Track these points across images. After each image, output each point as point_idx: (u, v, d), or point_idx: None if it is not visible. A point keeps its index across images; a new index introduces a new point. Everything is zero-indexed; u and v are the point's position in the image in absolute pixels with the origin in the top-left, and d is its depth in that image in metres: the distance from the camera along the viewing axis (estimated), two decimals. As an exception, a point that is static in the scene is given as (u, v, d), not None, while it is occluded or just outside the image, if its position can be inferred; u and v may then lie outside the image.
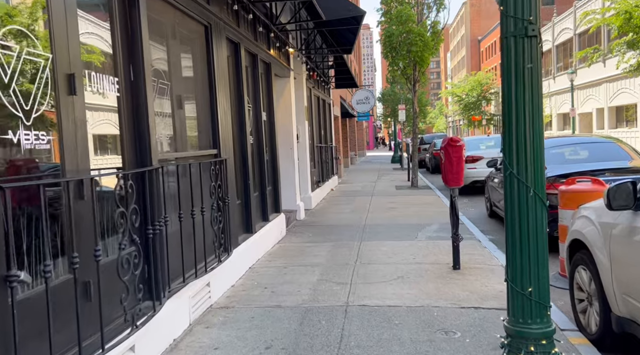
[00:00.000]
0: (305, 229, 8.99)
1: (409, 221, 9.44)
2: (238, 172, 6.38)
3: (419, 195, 13.65)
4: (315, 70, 11.99)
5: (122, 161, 3.68)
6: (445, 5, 15.24)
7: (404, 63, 15.23)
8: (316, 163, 13.18)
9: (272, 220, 7.66)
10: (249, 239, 6.38)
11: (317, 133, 13.89)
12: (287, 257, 6.81)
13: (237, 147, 6.37)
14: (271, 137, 8.27)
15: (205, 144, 5.27)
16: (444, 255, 6.62)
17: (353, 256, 6.70)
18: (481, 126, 55.65)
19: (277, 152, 8.44)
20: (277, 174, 8.27)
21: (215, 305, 4.83)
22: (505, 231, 2.66)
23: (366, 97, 25.16)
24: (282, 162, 9.83)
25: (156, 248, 3.77)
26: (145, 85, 3.76)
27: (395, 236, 8.01)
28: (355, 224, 9.37)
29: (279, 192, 8.28)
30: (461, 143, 5.70)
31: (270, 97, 8.21)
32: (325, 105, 15.67)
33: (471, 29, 74.97)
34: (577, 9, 33.02)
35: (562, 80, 35.80)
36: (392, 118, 35.58)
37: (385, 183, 17.60)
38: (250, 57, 7.16)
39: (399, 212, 10.69)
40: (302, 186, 11.30)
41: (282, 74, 9.47)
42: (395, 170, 23.95)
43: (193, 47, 5.13)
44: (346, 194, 14.47)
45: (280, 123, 9.81)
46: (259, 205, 7.27)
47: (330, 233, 8.54)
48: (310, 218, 10.30)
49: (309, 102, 12.38)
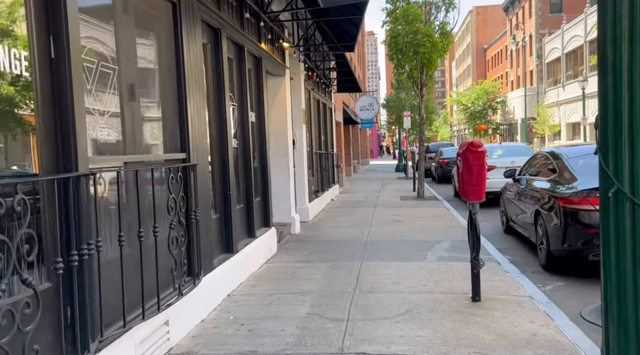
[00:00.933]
0: (300, 245, 7.99)
1: (416, 237, 8.43)
2: (216, 181, 5.40)
3: (425, 207, 12.63)
4: (314, 71, 11.06)
5: (36, 166, 2.71)
6: (455, 5, 14.31)
7: (410, 65, 14.27)
8: (315, 171, 12.19)
9: (260, 237, 6.66)
10: (229, 260, 5.38)
11: (317, 139, 12.93)
12: (275, 281, 5.80)
13: (215, 152, 5.40)
14: (261, 141, 7.29)
15: (170, 146, 4.30)
16: (459, 281, 5.61)
17: (352, 281, 5.69)
18: (487, 135, 54.66)
19: (268, 159, 7.46)
20: (267, 183, 7.29)
21: (175, 350, 3.83)
22: (602, 285, 1.65)
23: (370, 104, 24.23)
24: (275, 170, 8.86)
25: (82, 282, 2.79)
26: (71, 67, 2.79)
27: (401, 256, 7.00)
28: (355, 239, 8.36)
29: (269, 204, 7.29)
30: (483, 149, 4.70)
31: (261, 96, 7.25)
32: (326, 109, 14.72)
33: (477, 37, 74.20)
34: (588, 15, 32.12)
35: (571, 89, 34.81)
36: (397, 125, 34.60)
37: (389, 193, 16.59)
38: (236, 48, 6.20)
39: (405, 226, 9.67)
40: (299, 196, 10.31)
41: (276, 72, 8.52)
42: (399, 180, 22.93)
43: (155, 26, 4.18)
44: (347, 205, 13.46)
45: (273, 126, 8.86)
46: (244, 220, 6.28)
47: (328, 250, 7.54)
48: (306, 232, 9.30)
49: (307, 104, 11.43)
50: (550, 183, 6.74)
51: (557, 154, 7.11)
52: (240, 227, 6.12)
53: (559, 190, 6.27)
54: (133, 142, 3.61)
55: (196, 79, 4.65)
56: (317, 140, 13.04)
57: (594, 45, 31.78)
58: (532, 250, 7.47)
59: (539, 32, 44.50)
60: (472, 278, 4.90)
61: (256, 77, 7.17)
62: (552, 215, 6.20)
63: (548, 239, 6.26)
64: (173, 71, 4.34)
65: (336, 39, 10.05)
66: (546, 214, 6.37)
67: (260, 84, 7.21)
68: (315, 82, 12.42)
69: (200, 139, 4.68)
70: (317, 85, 12.87)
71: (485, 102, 51.69)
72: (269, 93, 8.84)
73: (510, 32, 52.23)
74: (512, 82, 53.93)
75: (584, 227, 5.75)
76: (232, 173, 5.71)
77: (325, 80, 13.87)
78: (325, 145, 14.32)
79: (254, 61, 7.05)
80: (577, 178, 6.20)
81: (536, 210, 6.80)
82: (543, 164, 7.56)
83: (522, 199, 7.76)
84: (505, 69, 57.38)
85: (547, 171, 7.29)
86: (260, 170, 7.27)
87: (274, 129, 8.88)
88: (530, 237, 7.41)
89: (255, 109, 7.18)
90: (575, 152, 7.06)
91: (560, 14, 42.96)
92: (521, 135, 44.64)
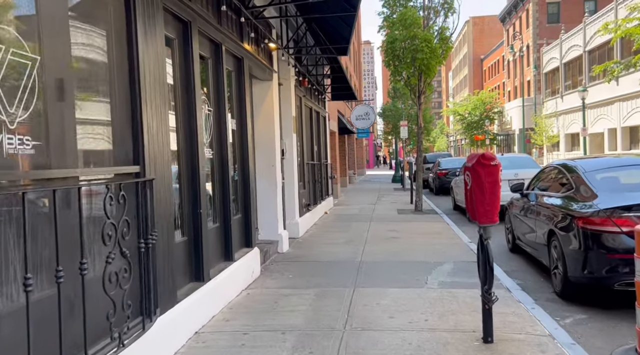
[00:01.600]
0: (287, 267, 7.21)
1: (414, 257, 7.67)
2: (184, 198, 4.65)
3: (424, 221, 11.88)
4: (306, 76, 10.35)
5: None
6: (454, 9, 13.68)
7: (408, 72, 13.59)
8: (306, 183, 11.44)
9: (240, 260, 5.89)
10: (199, 290, 4.61)
11: (309, 149, 12.19)
12: (253, 314, 5.02)
13: (183, 163, 4.65)
14: (243, 151, 6.55)
15: (120, 158, 3.55)
16: (465, 314, 4.84)
17: (342, 314, 4.92)
18: (484, 146, 54.12)
19: (251, 170, 6.71)
20: (250, 197, 6.53)
21: (115, 414, 3.05)
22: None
23: (366, 113, 23.56)
24: (261, 183, 8.12)
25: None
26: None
27: (399, 280, 6.23)
28: (349, 260, 7.59)
29: (250, 221, 6.52)
30: (497, 162, 3.98)
31: (243, 101, 6.52)
32: (319, 118, 14.00)
33: (474, 47, 74.02)
34: (587, 25, 31.68)
35: (570, 99, 34.30)
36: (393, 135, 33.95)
37: (385, 205, 15.84)
38: (211, 46, 5.48)
39: (403, 244, 8.92)
40: (288, 211, 9.56)
41: (262, 76, 7.80)
42: (396, 191, 22.21)
43: (99, 11, 3.44)
44: (341, 219, 12.70)
45: (260, 135, 8.13)
46: (219, 241, 5.51)
47: (317, 273, 6.77)
48: (295, 250, 8.53)
49: (298, 112, 10.71)
50: (565, 200, 6.00)
51: (572, 167, 6.38)
52: (215, 250, 5.35)
53: (577, 209, 5.53)
54: (60, 152, 2.85)
55: (156, 77, 3.92)
56: (309, 150, 12.31)
57: (593, 55, 31.33)
58: (544, 273, 6.73)
59: (537, 43, 44.11)
60: (483, 315, 4.14)
61: (238, 80, 6.44)
62: (570, 237, 5.46)
63: (565, 263, 5.51)
64: (124, 67, 3.60)
65: (329, 41, 9.35)
66: (562, 235, 5.63)
67: (243, 87, 6.48)
68: (308, 88, 11.72)
69: (161, 148, 3.93)
70: (309, 92, 12.17)
71: (482, 112, 51.20)
72: (255, 99, 8.12)
73: (507, 43, 51.94)
74: (509, 92, 53.52)
75: (609, 252, 5.01)
76: (205, 188, 4.96)
77: (319, 87, 13.17)
78: (318, 156, 13.58)
79: (234, 62, 6.33)
80: (598, 195, 5.46)
81: (550, 230, 6.06)
82: (555, 178, 6.83)
83: (531, 216, 7.02)
84: (502, 79, 57.03)
85: (560, 186, 6.56)
86: (242, 183, 6.52)
87: (260, 138, 8.16)
88: (541, 258, 6.67)
89: (236, 115, 6.44)
90: (592, 165, 6.32)
91: (557, 24, 42.61)
92: (519, 146, 44.09)
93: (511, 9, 50.18)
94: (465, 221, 12.30)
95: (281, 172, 9.01)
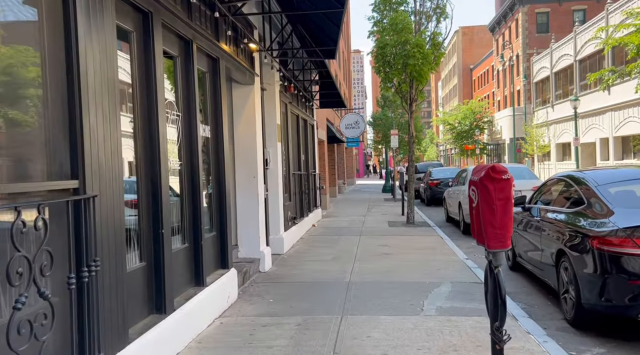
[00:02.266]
0: (268, 289, 6.53)
1: (408, 277, 7.03)
2: (143, 216, 3.98)
3: (417, 235, 11.27)
4: (292, 82, 9.74)
5: None
6: (447, 14, 13.19)
7: (399, 79, 13.05)
8: (292, 195, 10.79)
9: (213, 284, 5.21)
10: (159, 325, 3.93)
11: (295, 158, 11.55)
12: (224, 351, 4.34)
13: (142, 176, 3.99)
14: (219, 161, 5.89)
15: (54, 171, 2.89)
16: (470, 350, 4.21)
17: (328, 350, 4.25)
18: (474, 155, 53.86)
19: (228, 182, 6.05)
20: (225, 212, 5.86)
21: None
22: None
23: (356, 122, 23.04)
24: (242, 195, 7.47)
25: None
26: None
27: (392, 306, 5.59)
28: (337, 280, 6.94)
29: (227, 239, 5.85)
30: (509, 176, 3.36)
31: (219, 106, 5.87)
32: (307, 126, 13.38)
33: (463, 57, 74.11)
34: (578, 34, 31.52)
35: (561, 109, 34.06)
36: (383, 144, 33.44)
37: (376, 217, 15.22)
38: (180, 43, 4.84)
39: (395, 261, 8.28)
40: (272, 225, 8.89)
41: (242, 79, 7.17)
42: (386, 201, 21.61)
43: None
44: (330, 232, 12.05)
45: (240, 143, 7.50)
46: (188, 264, 4.84)
47: (301, 296, 6.10)
48: (278, 269, 7.85)
49: (283, 119, 10.08)
50: (575, 216, 5.41)
51: (581, 180, 5.79)
52: (182, 274, 4.68)
53: (590, 227, 4.94)
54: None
55: (104, 75, 3.27)
56: (296, 160, 11.67)
57: (584, 64, 31.14)
58: (550, 295, 6.14)
59: (526, 52, 44.03)
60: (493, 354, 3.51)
61: (213, 82, 5.80)
62: (584, 258, 4.86)
63: (578, 288, 4.90)
64: (60, 61, 2.94)
65: (315, 43, 8.74)
66: (575, 256, 5.03)
67: (219, 91, 5.84)
68: (294, 95, 11.10)
69: (109, 159, 3.26)
70: (296, 98, 11.56)
71: (472, 121, 50.99)
72: (235, 104, 7.50)
73: (497, 52, 51.91)
74: (498, 102, 53.42)
75: (631, 278, 4.41)
76: (169, 203, 4.30)
77: (306, 93, 12.57)
78: (306, 166, 12.94)
79: (209, 62, 5.69)
80: (614, 211, 4.87)
81: (559, 250, 5.46)
82: (562, 191, 6.25)
83: (535, 233, 6.43)
84: (492, 89, 56.97)
85: (565, 200, 5.98)
86: (217, 197, 5.85)
87: (241, 147, 7.52)
88: (546, 279, 6.06)
89: (211, 121, 5.80)
90: (603, 177, 5.73)
91: (547, 34, 42.59)
92: (509, 156, 43.82)
93: (500, 18, 50.21)
94: (459, 235, 11.72)
95: (265, 184, 8.36)
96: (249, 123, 7.53)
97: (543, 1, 44.20)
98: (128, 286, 3.52)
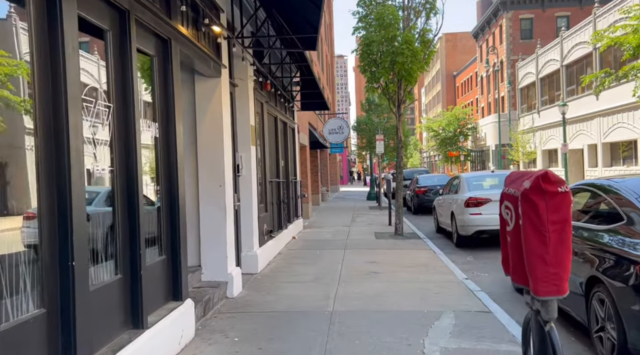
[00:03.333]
0: (234, 323, 5.38)
1: (402, 304, 5.94)
2: (45, 244, 2.82)
3: (407, 249, 10.21)
4: (268, 78, 8.63)
5: None
6: (437, 9, 12.23)
7: (386, 78, 12.04)
8: (269, 205, 9.65)
9: (158, 323, 4.05)
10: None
11: (273, 164, 10.43)
12: None
13: (44, 186, 2.84)
14: (170, 168, 4.75)
15: None
16: None
17: None
18: (458, 162, 53.28)
19: (181, 193, 4.90)
20: (178, 230, 4.71)
21: None
22: None
23: (340, 127, 22.03)
24: (206, 208, 6.32)
25: None
26: None
27: (385, 346, 4.49)
28: (317, 309, 5.82)
29: (180, 264, 4.69)
30: (567, 188, 2.29)
31: (170, 99, 4.74)
32: (286, 129, 12.28)
33: (446, 64, 73.88)
34: (564, 39, 31.05)
35: (547, 115, 33.56)
36: (368, 150, 32.45)
37: (362, 228, 14.13)
38: (110, 12, 3.70)
39: (385, 282, 7.19)
40: (245, 241, 7.75)
41: (205, 71, 6.05)
42: (372, 210, 20.58)
43: None
44: (311, 246, 10.92)
45: (204, 146, 6.37)
46: (120, 302, 3.68)
47: (273, 334, 4.96)
48: (249, 293, 6.70)
49: (259, 120, 8.96)
50: (612, 235, 4.39)
51: (613, 190, 4.78)
52: (109, 317, 3.51)
53: (634, 250, 3.92)
54: None
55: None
56: (274, 166, 10.55)
57: (571, 69, 30.66)
58: (573, 328, 5.12)
59: (510, 58, 43.66)
60: None
61: (163, 69, 4.66)
62: (630, 291, 3.83)
63: (622, 327, 3.87)
64: None
65: (293, 31, 7.64)
66: (617, 287, 3.99)
67: (170, 80, 4.71)
68: (272, 93, 10.00)
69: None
70: (274, 98, 10.45)
71: (456, 128, 50.45)
72: (198, 100, 6.37)
73: (481, 59, 51.56)
74: (482, 108, 53.03)
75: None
76: (84, 224, 3.15)
77: (285, 93, 11.47)
78: (285, 172, 11.82)
79: (157, 44, 4.55)
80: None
81: (591, 277, 4.43)
82: (587, 204, 5.24)
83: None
84: (476, 95, 56.62)
85: (595, 215, 4.97)
86: (168, 211, 4.70)
87: (204, 150, 6.38)
88: (569, 309, 5.03)
89: (161, 118, 4.65)
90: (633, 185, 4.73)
91: (531, 40, 42.28)
92: (494, 162, 43.27)
93: (484, 24, 49.90)
94: (452, 248, 10.72)
95: (235, 193, 7.23)
96: (214, 122, 6.39)
97: (527, 7, 43.95)
98: (16, 345, 2.36)
